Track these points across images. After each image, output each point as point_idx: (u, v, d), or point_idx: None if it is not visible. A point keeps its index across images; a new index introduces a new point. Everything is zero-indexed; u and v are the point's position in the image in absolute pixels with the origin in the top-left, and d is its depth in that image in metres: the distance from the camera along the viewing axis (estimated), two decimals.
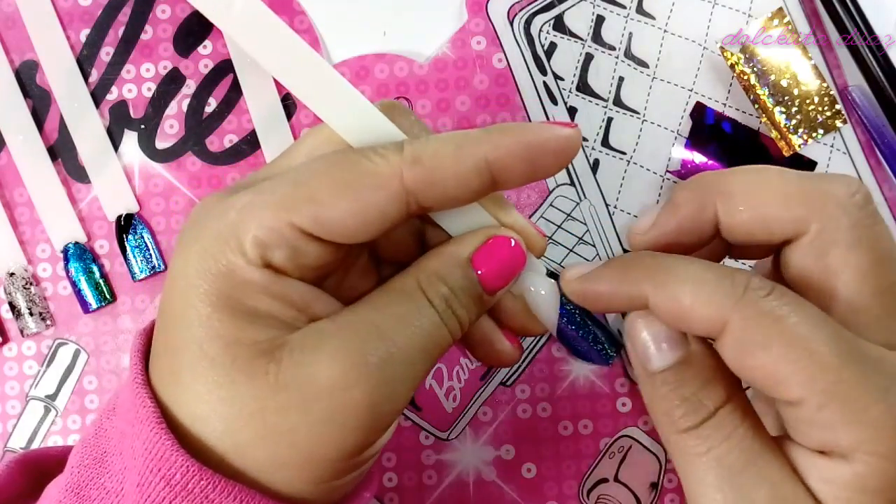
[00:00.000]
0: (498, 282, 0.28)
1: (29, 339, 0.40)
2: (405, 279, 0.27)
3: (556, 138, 0.26)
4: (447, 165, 0.26)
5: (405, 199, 0.25)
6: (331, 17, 0.41)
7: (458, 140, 0.26)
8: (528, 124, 0.27)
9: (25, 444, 0.40)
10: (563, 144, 0.27)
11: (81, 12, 0.41)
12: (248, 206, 0.25)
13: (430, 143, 0.26)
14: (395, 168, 0.25)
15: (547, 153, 0.26)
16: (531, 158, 0.26)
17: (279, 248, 0.25)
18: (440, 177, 0.25)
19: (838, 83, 0.40)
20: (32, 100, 0.41)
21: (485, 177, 0.26)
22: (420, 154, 0.25)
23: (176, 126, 0.41)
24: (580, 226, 0.40)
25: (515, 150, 0.26)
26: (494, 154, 0.26)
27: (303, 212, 0.25)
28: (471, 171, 0.26)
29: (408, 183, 0.25)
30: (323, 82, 0.27)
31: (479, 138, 0.26)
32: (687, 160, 0.39)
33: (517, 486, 0.39)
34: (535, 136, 0.26)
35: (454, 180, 0.26)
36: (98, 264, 0.40)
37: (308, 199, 0.25)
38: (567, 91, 0.40)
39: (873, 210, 0.26)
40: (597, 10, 0.40)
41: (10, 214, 0.41)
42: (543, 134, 0.26)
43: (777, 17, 0.39)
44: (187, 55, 0.41)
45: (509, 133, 0.26)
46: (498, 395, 0.40)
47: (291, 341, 0.25)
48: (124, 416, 0.26)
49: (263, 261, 0.25)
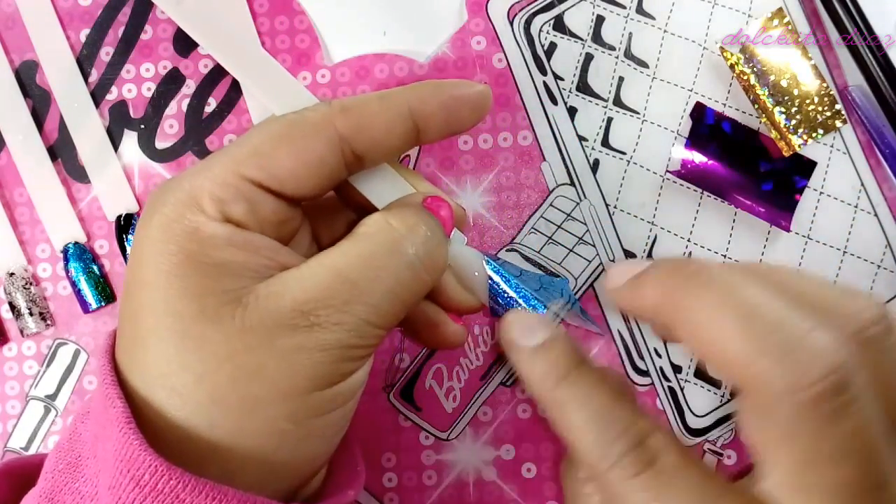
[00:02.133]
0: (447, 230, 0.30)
1: (29, 339, 0.40)
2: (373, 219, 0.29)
3: (472, 94, 0.30)
4: (373, 112, 0.28)
5: (339, 146, 0.28)
6: (331, 17, 0.41)
7: (381, 93, 0.29)
8: (447, 81, 0.31)
9: (25, 444, 0.40)
10: (477, 99, 0.30)
11: (81, 12, 0.41)
12: (199, 170, 0.27)
13: (356, 97, 0.29)
14: (327, 116, 0.28)
15: (463, 105, 0.30)
16: (448, 108, 0.30)
17: (236, 203, 0.27)
18: (368, 122, 0.28)
19: (838, 83, 0.40)
20: (32, 100, 0.41)
21: (409, 124, 0.29)
22: (347, 105, 0.28)
23: (176, 126, 0.41)
24: (580, 226, 0.40)
25: (434, 99, 0.29)
26: (415, 102, 0.29)
27: (250, 164, 0.27)
28: (395, 118, 0.29)
29: (340, 128, 0.28)
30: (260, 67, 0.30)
31: (402, 90, 0.29)
32: (687, 160, 0.39)
33: (517, 486, 0.39)
34: (451, 89, 0.30)
35: (382, 125, 0.28)
36: (98, 264, 0.40)
37: (253, 153, 0.27)
38: (567, 91, 0.40)
39: (838, 405, 0.23)
40: (597, 10, 0.40)
41: (10, 214, 0.41)
42: (459, 88, 0.30)
43: (777, 18, 0.39)
44: (187, 55, 0.41)
45: (428, 86, 0.30)
46: (498, 395, 0.40)
47: (257, 289, 0.26)
48: (96, 419, 0.26)
49: (223, 215, 0.26)
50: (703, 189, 0.39)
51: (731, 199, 0.39)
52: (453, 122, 0.30)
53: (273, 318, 0.25)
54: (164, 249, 0.26)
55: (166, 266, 0.26)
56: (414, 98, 0.29)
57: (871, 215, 0.39)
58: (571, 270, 0.40)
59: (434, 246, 0.29)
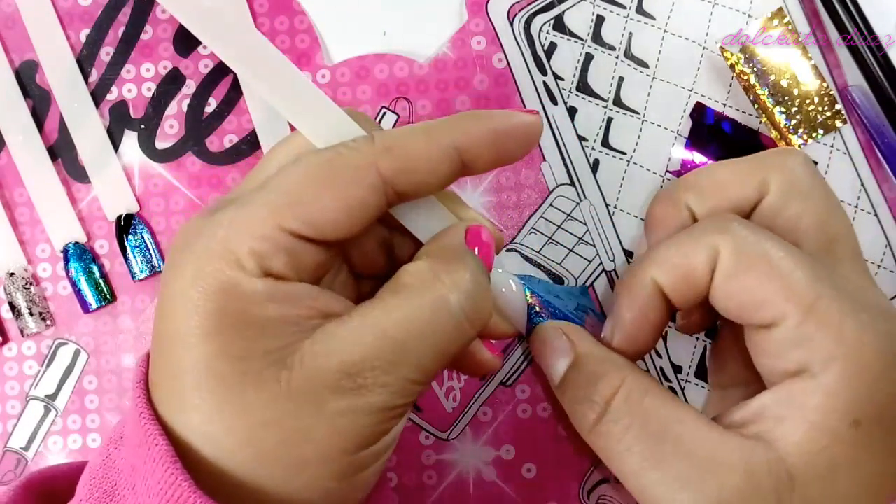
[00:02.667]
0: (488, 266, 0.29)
1: (29, 339, 0.40)
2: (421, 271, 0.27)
3: (521, 124, 0.28)
4: (419, 152, 0.27)
5: (383, 189, 0.26)
6: (331, 17, 0.41)
7: (426, 128, 0.27)
8: (494, 112, 0.28)
9: (25, 444, 0.40)
10: (527, 130, 0.29)
11: (81, 12, 0.41)
12: (236, 220, 0.25)
13: (398, 132, 0.27)
14: (370, 158, 0.26)
15: (512, 139, 0.28)
16: (498, 144, 0.28)
17: (276, 256, 0.25)
18: (413, 164, 0.27)
19: (838, 83, 0.40)
20: (32, 100, 0.41)
21: (455, 162, 0.27)
22: (391, 143, 0.27)
23: (176, 126, 0.41)
24: (580, 226, 0.40)
25: (483, 136, 0.28)
26: (463, 139, 0.27)
27: (291, 215, 0.25)
28: (441, 156, 0.27)
29: (383, 171, 0.26)
30: (291, 87, 0.28)
31: (448, 125, 0.27)
32: (687, 160, 0.39)
33: (517, 486, 0.39)
34: (501, 123, 0.28)
35: (426, 165, 0.27)
36: (98, 264, 0.40)
37: (294, 202, 0.26)
38: (567, 91, 0.40)
39: (816, 169, 0.31)
40: (597, 10, 0.40)
41: (10, 214, 0.41)
42: (509, 121, 0.28)
43: (777, 17, 0.39)
44: (187, 55, 0.41)
45: (476, 120, 0.28)
46: (498, 395, 0.39)
47: (302, 348, 0.25)
48: (134, 451, 0.26)
49: (263, 270, 0.25)
50: None
51: None
52: (502, 155, 0.28)
53: (320, 381, 0.25)
54: (201, 307, 0.25)
55: (204, 324, 0.25)
56: (460, 133, 0.27)
57: (872, 215, 0.39)
58: (571, 271, 0.40)
59: (480, 297, 0.27)
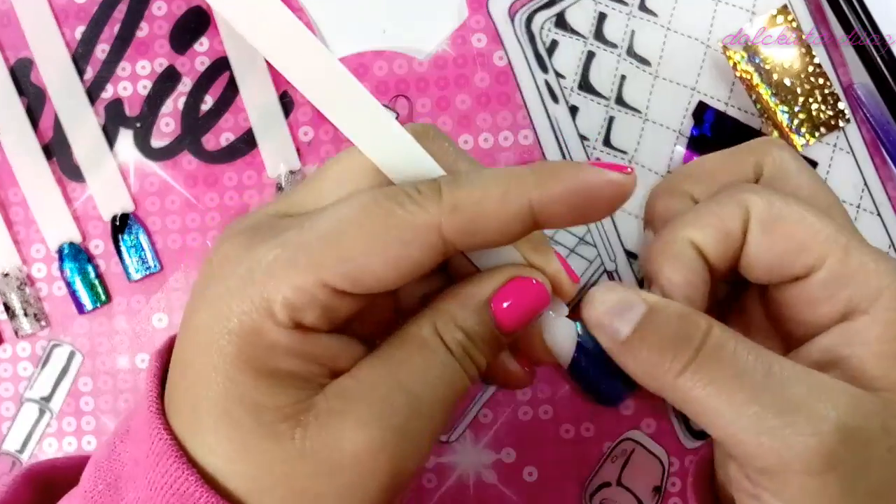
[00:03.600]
0: (515, 324, 0.27)
1: (23, 340, 0.40)
2: (422, 325, 0.26)
3: (608, 184, 0.25)
4: (490, 214, 0.24)
5: (442, 249, 0.24)
6: (330, 14, 0.41)
7: (503, 183, 0.24)
8: (580, 167, 0.25)
9: (20, 446, 0.40)
10: (614, 192, 0.25)
11: (76, 9, 0.41)
12: (275, 264, 0.24)
13: (473, 188, 0.24)
14: (434, 218, 0.24)
15: (597, 200, 0.25)
16: (580, 205, 0.25)
17: (311, 310, 0.24)
18: (482, 226, 0.24)
19: (843, 81, 0.39)
20: (27, 98, 0.41)
21: (527, 223, 0.24)
22: (460, 202, 0.24)
23: (172, 124, 0.41)
24: (580, 226, 0.40)
25: (564, 196, 0.24)
26: (541, 200, 0.24)
27: (335, 270, 0.24)
28: (514, 217, 0.24)
29: (446, 232, 0.24)
30: (355, 104, 0.25)
31: (527, 182, 0.24)
32: (689, 159, 0.39)
33: (518, 489, 0.39)
34: (587, 182, 0.24)
35: (495, 227, 0.24)
36: (93, 264, 0.40)
37: (340, 258, 0.24)
38: (568, 89, 0.40)
39: (796, 152, 0.32)
40: (599, 7, 0.40)
41: (5, 214, 0.40)
42: (595, 179, 0.24)
43: (781, 15, 0.39)
44: (183, 52, 0.41)
45: (559, 177, 0.24)
46: (498, 397, 0.39)
47: (317, 405, 0.24)
48: (138, 444, 0.25)
49: (293, 322, 0.24)
50: None
51: None
52: (582, 216, 0.25)
53: (335, 446, 0.24)
54: (223, 347, 0.24)
55: (222, 365, 0.24)
56: (538, 193, 0.24)
57: (875, 215, 0.39)
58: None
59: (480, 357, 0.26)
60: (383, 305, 0.28)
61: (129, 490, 0.25)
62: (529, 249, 0.27)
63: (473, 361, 0.26)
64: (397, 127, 0.25)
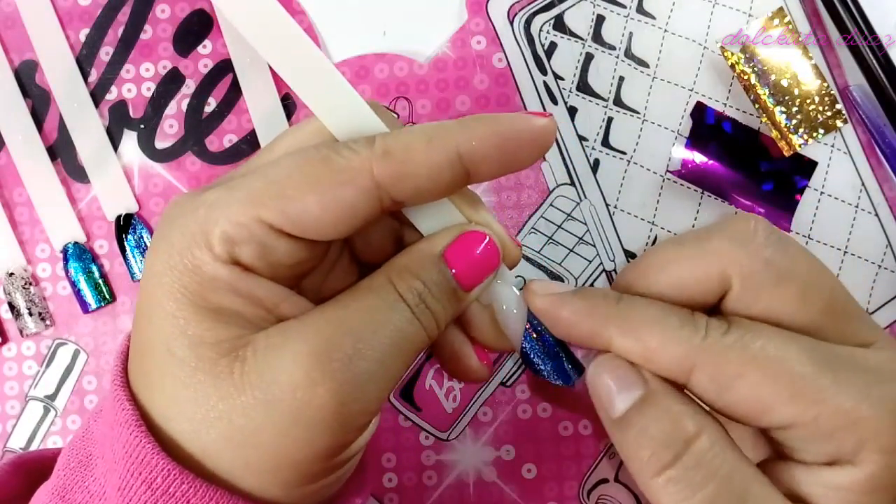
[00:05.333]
0: (472, 278, 0.27)
1: (28, 339, 0.40)
2: (375, 276, 0.27)
3: (530, 129, 0.26)
4: (419, 158, 0.25)
5: (376, 194, 0.25)
6: (331, 16, 0.41)
7: (429, 132, 0.25)
8: (502, 115, 0.26)
9: (25, 444, 0.40)
10: (537, 135, 0.26)
11: (81, 12, 0.41)
12: (217, 202, 0.25)
13: (401, 135, 0.25)
14: (365, 162, 0.25)
15: (521, 144, 0.26)
16: (505, 150, 0.26)
17: (247, 245, 0.25)
18: (411, 170, 0.25)
19: (839, 83, 0.40)
20: (32, 99, 0.41)
21: (457, 169, 0.25)
22: (391, 147, 0.25)
23: (175, 126, 0.41)
24: (580, 226, 0.40)
25: (489, 141, 0.25)
26: (467, 146, 0.25)
27: (271, 207, 0.24)
28: (443, 163, 0.25)
29: (378, 177, 0.25)
30: (312, 69, 0.26)
31: (451, 129, 0.25)
32: (687, 160, 0.39)
33: (517, 486, 0.39)
34: (509, 127, 0.26)
35: (426, 173, 0.25)
36: (97, 264, 0.40)
37: (276, 195, 0.25)
38: (567, 91, 0.40)
39: (777, 237, 0.26)
40: (597, 9, 0.40)
41: (10, 214, 0.41)
42: (518, 124, 0.26)
43: (777, 17, 0.39)
44: (187, 55, 0.41)
45: (482, 124, 0.26)
46: (498, 396, 0.39)
47: (255, 340, 0.25)
48: (107, 419, 0.26)
49: (231, 257, 0.25)
50: (704, 189, 0.39)
51: (732, 199, 0.39)
52: (509, 162, 0.26)
53: (271, 379, 0.24)
54: (165, 284, 0.25)
55: (166, 305, 0.24)
56: (465, 139, 0.25)
57: (872, 215, 0.39)
58: (572, 271, 0.39)
59: (438, 307, 0.26)
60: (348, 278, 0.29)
61: (99, 465, 0.26)
62: (472, 213, 0.28)
63: (430, 311, 0.26)
64: (348, 88, 0.26)
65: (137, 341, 0.26)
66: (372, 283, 0.26)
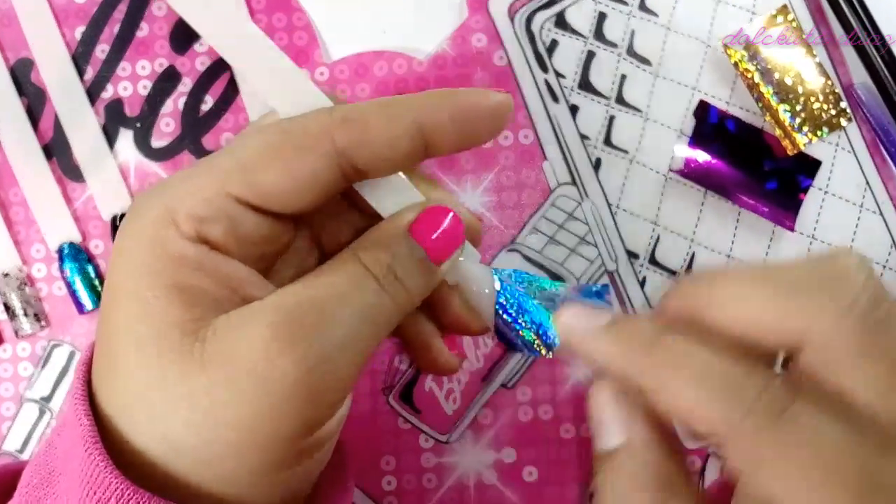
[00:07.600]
0: (440, 251, 0.27)
1: (23, 340, 0.40)
2: (342, 254, 0.27)
3: (487, 104, 0.26)
4: (377, 125, 0.25)
5: (337, 161, 0.25)
6: (329, 14, 0.41)
7: (387, 102, 0.26)
8: (460, 89, 0.27)
9: (20, 446, 0.40)
10: (493, 110, 0.26)
11: (76, 9, 0.41)
12: (182, 180, 0.25)
13: (359, 105, 0.26)
14: (325, 127, 0.25)
15: (478, 119, 0.26)
16: (462, 121, 0.26)
17: (214, 221, 0.25)
18: (371, 136, 0.25)
19: (843, 81, 0.39)
20: (27, 98, 0.41)
21: (416, 139, 0.26)
22: (349, 114, 0.25)
23: (172, 124, 0.40)
24: (582, 226, 0.39)
25: (445, 112, 0.26)
26: (424, 114, 0.26)
27: (237, 179, 0.25)
28: (401, 131, 0.26)
29: (338, 142, 0.25)
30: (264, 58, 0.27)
31: (409, 99, 0.26)
32: (690, 159, 0.39)
33: (518, 489, 0.39)
34: (465, 100, 0.26)
35: (385, 140, 0.25)
36: (93, 264, 0.40)
37: (242, 168, 0.25)
38: (569, 89, 0.40)
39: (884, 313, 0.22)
40: (599, 7, 0.40)
41: (5, 214, 0.40)
42: (474, 99, 0.26)
43: (781, 15, 0.39)
44: (183, 52, 0.41)
45: (440, 97, 0.26)
46: (499, 398, 0.39)
47: (217, 321, 0.24)
48: (68, 434, 0.25)
49: (199, 235, 0.25)
50: (707, 188, 0.39)
51: (735, 198, 0.39)
52: (467, 136, 0.27)
53: (232, 354, 0.23)
54: (129, 263, 0.24)
55: (130, 284, 0.24)
56: (422, 109, 0.26)
57: (877, 214, 0.39)
58: (573, 271, 0.39)
59: (408, 278, 0.26)
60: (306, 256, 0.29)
61: (61, 482, 0.25)
62: (430, 191, 0.29)
63: (401, 283, 0.26)
64: (299, 74, 0.27)
65: (103, 326, 0.25)
66: (337, 260, 0.26)
